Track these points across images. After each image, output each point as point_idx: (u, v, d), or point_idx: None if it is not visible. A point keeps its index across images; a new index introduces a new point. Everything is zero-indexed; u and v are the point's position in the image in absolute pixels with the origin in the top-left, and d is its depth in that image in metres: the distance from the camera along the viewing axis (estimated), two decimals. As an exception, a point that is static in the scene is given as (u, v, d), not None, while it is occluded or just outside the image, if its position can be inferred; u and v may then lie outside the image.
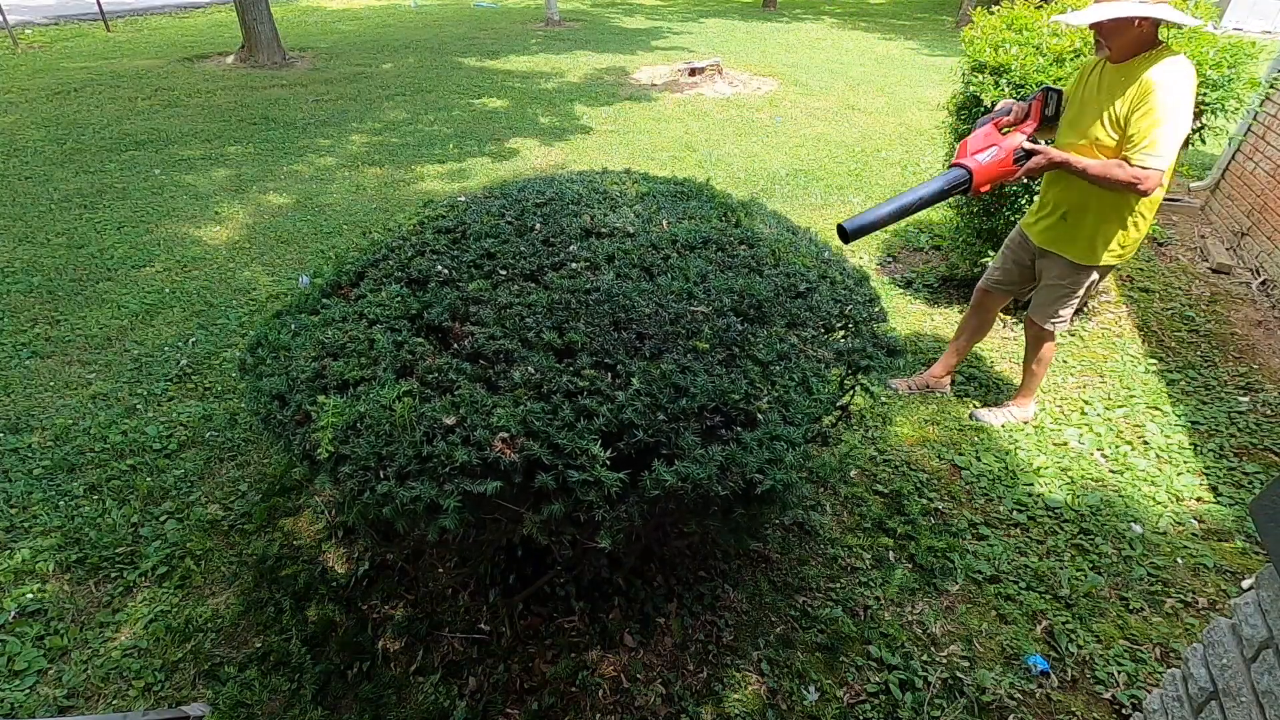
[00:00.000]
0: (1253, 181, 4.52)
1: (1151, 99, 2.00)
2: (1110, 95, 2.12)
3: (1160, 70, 2.01)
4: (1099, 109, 2.15)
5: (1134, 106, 2.04)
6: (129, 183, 5.16)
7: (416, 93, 7.91)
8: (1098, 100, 2.16)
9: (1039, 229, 2.51)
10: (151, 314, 3.53)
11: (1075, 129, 2.25)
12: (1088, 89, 2.23)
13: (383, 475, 1.33)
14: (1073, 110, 2.28)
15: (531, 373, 1.47)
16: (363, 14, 13.77)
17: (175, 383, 3.04)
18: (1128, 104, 2.06)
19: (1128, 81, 2.07)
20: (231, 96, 7.53)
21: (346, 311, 1.73)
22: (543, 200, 2.11)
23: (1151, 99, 2.00)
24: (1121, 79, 2.09)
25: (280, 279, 3.89)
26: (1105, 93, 2.14)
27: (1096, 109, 2.16)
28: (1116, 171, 2.07)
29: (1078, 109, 2.26)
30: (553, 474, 1.30)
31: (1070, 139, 2.27)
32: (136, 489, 2.47)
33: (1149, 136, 2.01)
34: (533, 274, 1.79)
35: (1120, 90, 2.08)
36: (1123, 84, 2.08)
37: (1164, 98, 1.98)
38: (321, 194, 5.10)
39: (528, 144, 6.29)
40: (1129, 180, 2.05)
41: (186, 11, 13.56)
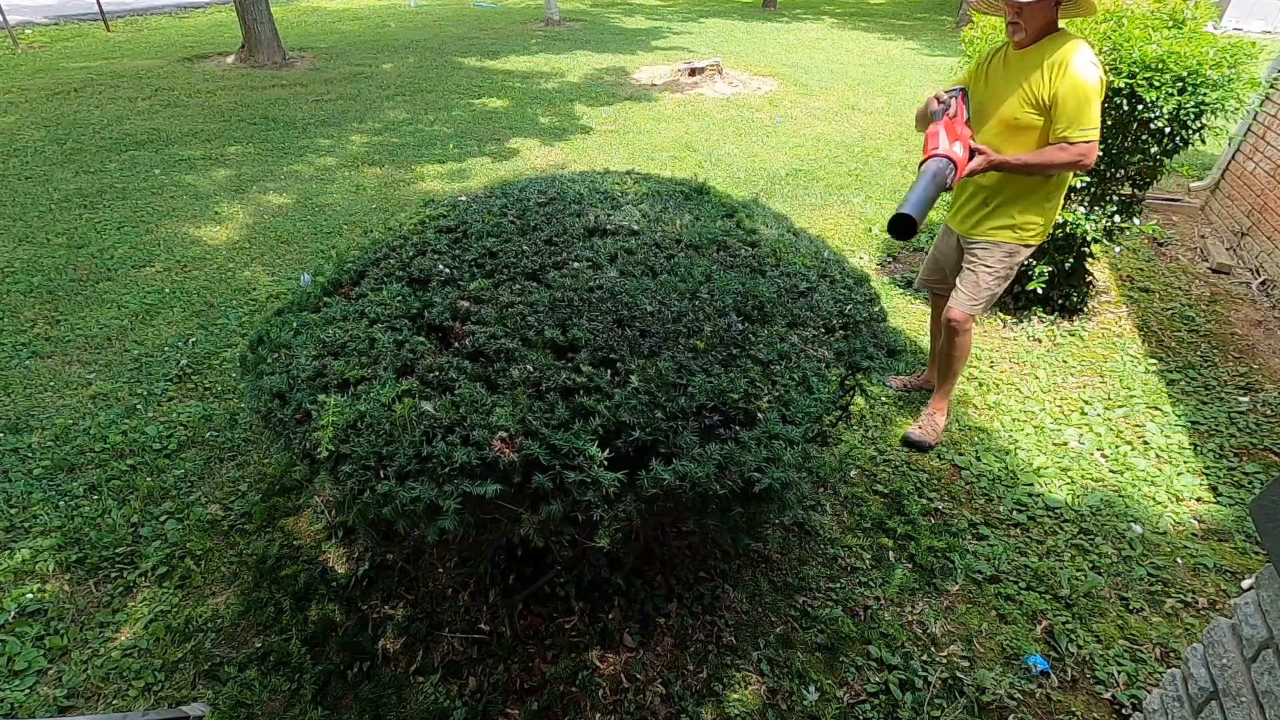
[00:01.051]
0: (1253, 181, 4.52)
1: (1075, 76, 2.13)
2: (1022, 76, 2.25)
3: (1072, 49, 2.16)
4: (1011, 92, 2.28)
5: (1056, 85, 2.16)
6: (129, 183, 5.16)
7: (416, 93, 7.92)
8: (1006, 85, 2.30)
9: (961, 218, 2.59)
10: (151, 314, 3.53)
11: (986, 115, 2.38)
12: (992, 76, 2.38)
13: (383, 475, 1.33)
14: (977, 100, 2.41)
15: (530, 371, 1.47)
16: (363, 14, 13.77)
17: (175, 383, 3.04)
18: (1048, 84, 2.19)
19: (1037, 63, 2.21)
20: (231, 96, 7.53)
21: (347, 310, 1.73)
22: (545, 200, 2.11)
23: (1075, 76, 2.13)
24: (1030, 61, 2.23)
25: (280, 279, 3.89)
26: (1015, 76, 2.27)
27: (1008, 92, 2.29)
28: (1059, 156, 2.20)
29: (984, 97, 2.39)
30: (550, 474, 1.30)
31: (982, 126, 2.39)
32: (136, 489, 2.47)
33: (1083, 112, 2.14)
34: (535, 273, 1.79)
35: (1033, 70, 2.22)
36: (1033, 65, 2.22)
37: (1087, 73, 2.13)
38: (322, 194, 5.10)
39: (528, 144, 6.29)
40: (1073, 159, 2.19)
41: (186, 12, 13.56)
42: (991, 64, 2.39)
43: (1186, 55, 2.86)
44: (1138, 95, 2.90)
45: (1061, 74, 2.15)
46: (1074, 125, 2.16)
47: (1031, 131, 2.27)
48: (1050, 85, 2.17)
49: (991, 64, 2.39)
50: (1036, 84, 2.21)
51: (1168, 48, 2.90)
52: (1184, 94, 2.87)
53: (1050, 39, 2.22)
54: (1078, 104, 2.14)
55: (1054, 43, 2.20)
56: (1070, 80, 2.13)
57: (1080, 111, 2.14)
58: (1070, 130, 2.17)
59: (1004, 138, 2.32)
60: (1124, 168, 3.19)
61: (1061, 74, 2.15)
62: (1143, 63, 2.89)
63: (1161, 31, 3.05)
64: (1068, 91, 2.14)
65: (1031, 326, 3.54)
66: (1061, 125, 2.18)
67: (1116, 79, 2.92)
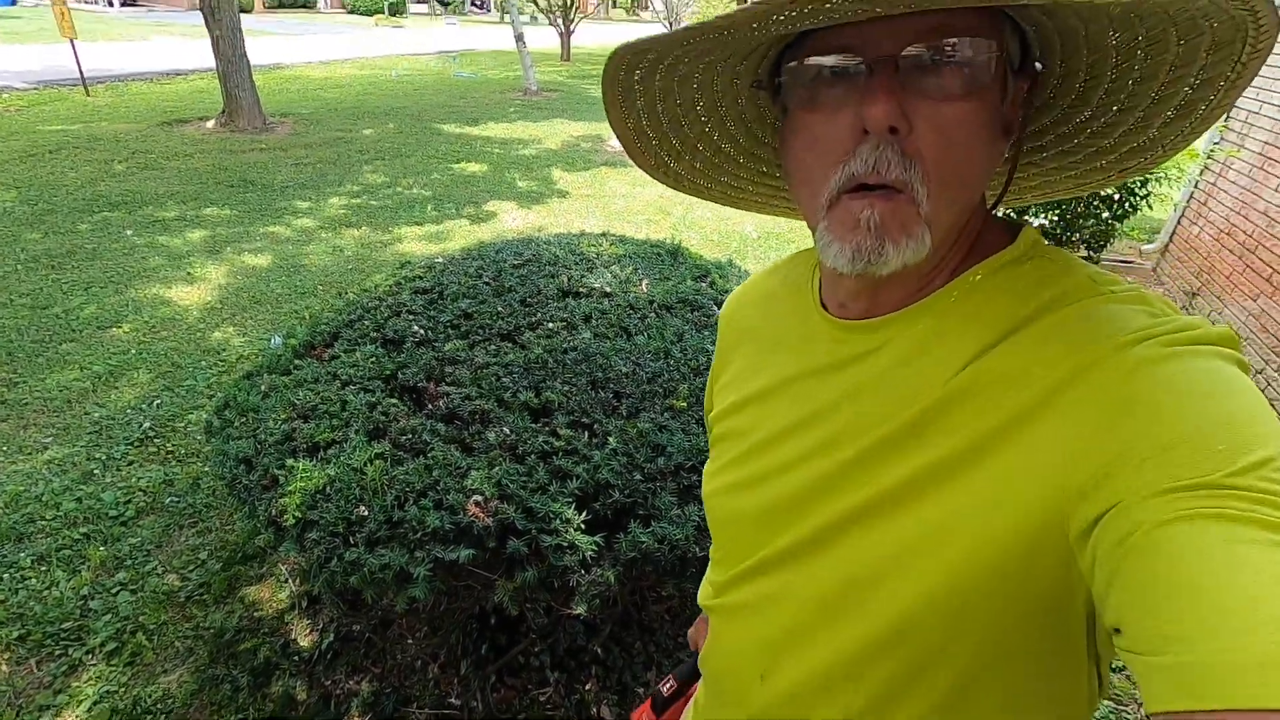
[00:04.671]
0: (1199, 245, 4.75)
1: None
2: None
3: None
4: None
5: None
6: (100, 244, 5.11)
7: (396, 157, 8.06)
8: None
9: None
10: (116, 376, 3.44)
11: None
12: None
13: (351, 541, 1.29)
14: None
15: (507, 433, 1.46)
16: (345, 82, 14.12)
17: (136, 446, 2.95)
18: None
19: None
20: (210, 159, 7.60)
21: (319, 372, 1.71)
22: (520, 261, 2.14)
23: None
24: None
25: (253, 340, 3.84)
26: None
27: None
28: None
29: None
30: (525, 539, 1.27)
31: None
32: (88, 559, 2.35)
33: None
34: (510, 334, 1.79)
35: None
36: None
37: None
38: (298, 255, 5.10)
39: (506, 207, 6.40)
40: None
41: (168, 78, 13.79)
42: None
43: (1129, 128, 3.05)
44: (1087, 164, 3.07)
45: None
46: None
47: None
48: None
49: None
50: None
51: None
52: (1129, 163, 3.05)
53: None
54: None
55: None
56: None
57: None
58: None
59: None
60: (1079, 231, 3.35)
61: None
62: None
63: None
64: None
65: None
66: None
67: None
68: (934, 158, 0.45)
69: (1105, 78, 0.50)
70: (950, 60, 0.44)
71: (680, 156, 0.61)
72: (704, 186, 0.66)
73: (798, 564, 0.57)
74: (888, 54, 0.44)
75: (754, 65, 0.53)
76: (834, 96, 0.46)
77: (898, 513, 0.50)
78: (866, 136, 0.45)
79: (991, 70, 0.45)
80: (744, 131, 0.61)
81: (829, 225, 0.49)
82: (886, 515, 0.50)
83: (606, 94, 0.52)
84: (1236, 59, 0.44)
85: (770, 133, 0.62)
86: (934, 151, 0.45)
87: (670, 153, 0.60)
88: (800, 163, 0.51)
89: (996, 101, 0.47)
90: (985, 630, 0.48)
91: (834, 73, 0.46)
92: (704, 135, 0.60)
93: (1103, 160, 0.57)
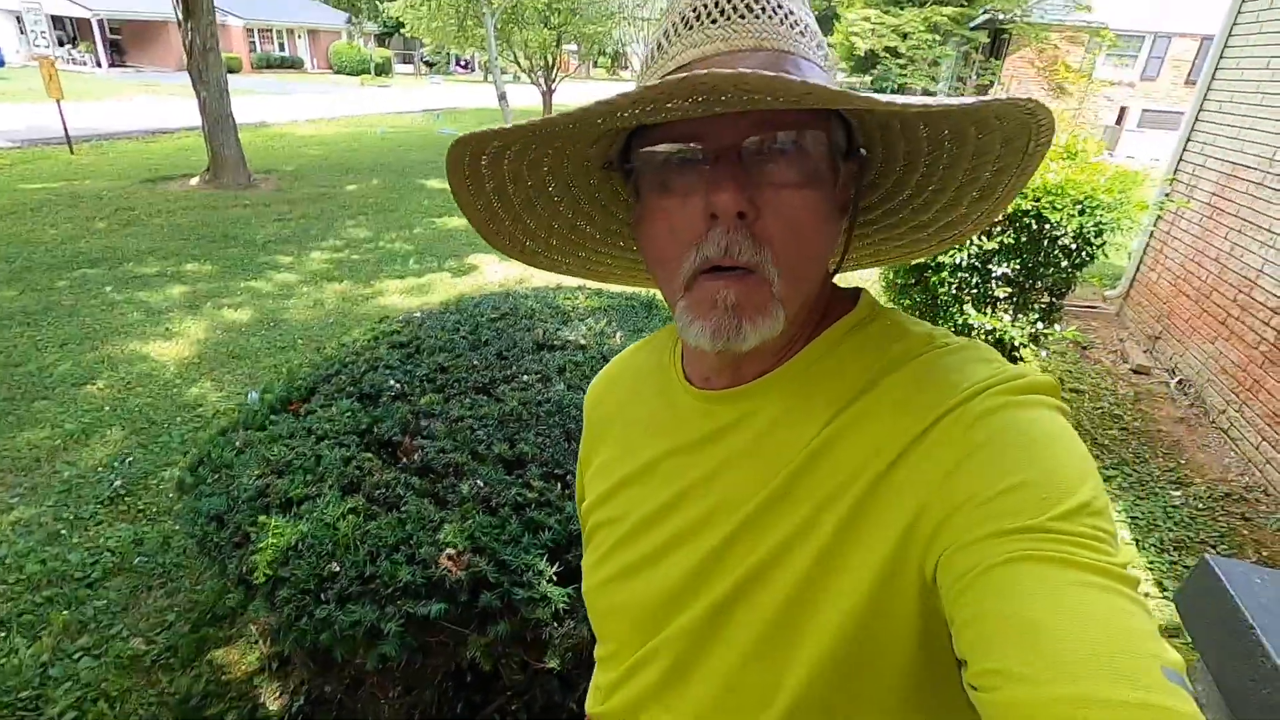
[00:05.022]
0: (1158, 290, 4.93)
1: None
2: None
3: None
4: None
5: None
6: (78, 300, 5.10)
7: (379, 212, 8.18)
8: None
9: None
10: (88, 433, 3.40)
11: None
12: None
13: (323, 598, 1.28)
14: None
15: (480, 486, 1.47)
16: (330, 139, 14.40)
17: (106, 505, 2.89)
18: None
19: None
20: (193, 216, 7.66)
21: (295, 427, 1.72)
22: (498, 315, 2.19)
23: None
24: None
25: (230, 395, 3.82)
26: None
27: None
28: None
29: None
30: (498, 592, 1.27)
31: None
32: (51, 624, 2.28)
33: None
34: (485, 387, 1.82)
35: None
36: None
37: None
38: (279, 309, 5.12)
39: (487, 260, 6.49)
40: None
41: (154, 136, 13.97)
42: None
43: (1082, 182, 3.20)
44: (1044, 216, 3.21)
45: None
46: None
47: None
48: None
49: None
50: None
51: (1065, 176, 3.25)
52: (1083, 215, 3.19)
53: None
54: None
55: None
56: None
57: None
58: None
59: None
60: (1041, 279, 3.46)
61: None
62: (1045, 189, 3.22)
63: (1059, 161, 3.42)
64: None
65: (973, 428, 3.68)
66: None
67: (1024, 201, 3.23)
68: (781, 241, 0.49)
69: (919, 164, 0.56)
70: (785, 150, 0.48)
71: (535, 235, 0.63)
72: (561, 262, 0.67)
73: (692, 651, 0.56)
74: (730, 144, 0.47)
75: (604, 149, 0.56)
76: (684, 183, 0.50)
77: (777, 583, 0.51)
78: (716, 221, 0.48)
79: (823, 158, 0.50)
80: (599, 210, 0.64)
81: (688, 305, 0.51)
82: (767, 586, 0.52)
83: (451, 180, 0.54)
84: (1024, 151, 0.51)
85: (625, 209, 0.64)
86: (781, 235, 0.49)
87: (525, 232, 0.62)
88: (655, 244, 0.53)
89: (830, 185, 0.51)
90: (873, 689, 0.49)
91: (682, 160, 0.49)
92: (558, 214, 0.62)
93: (923, 233, 0.63)
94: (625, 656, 0.63)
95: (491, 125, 0.50)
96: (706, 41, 0.49)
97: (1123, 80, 16.62)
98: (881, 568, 0.47)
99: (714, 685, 0.55)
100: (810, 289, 0.55)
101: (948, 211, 0.59)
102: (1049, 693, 0.33)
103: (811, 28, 0.52)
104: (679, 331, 0.54)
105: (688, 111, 0.44)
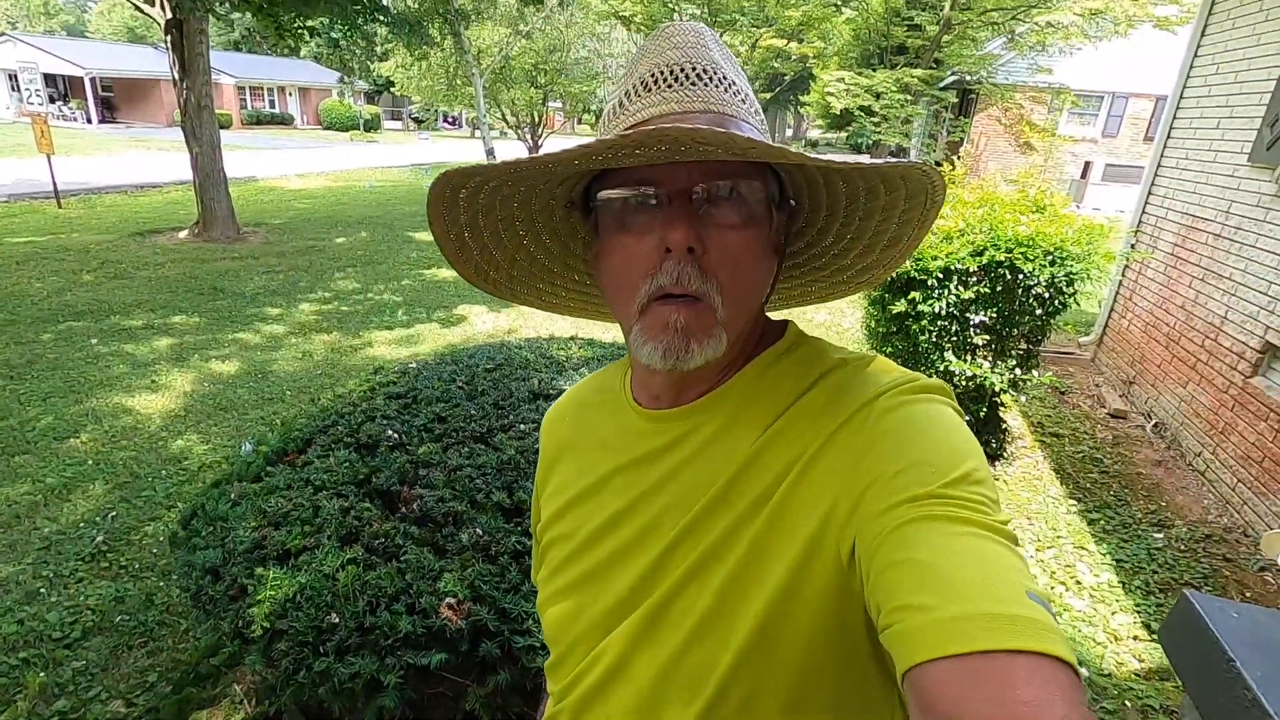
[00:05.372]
0: (1130, 336, 5.09)
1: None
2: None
3: None
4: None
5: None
6: (62, 353, 5.07)
7: (368, 264, 8.26)
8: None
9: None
10: (70, 488, 3.35)
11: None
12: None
13: (322, 650, 1.28)
14: None
15: (480, 534, 1.49)
16: (319, 193, 14.59)
17: (87, 562, 2.83)
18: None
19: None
20: (181, 268, 7.68)
21: (292, 478, 1.73)
22: (493, 365, 2.23)
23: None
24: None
25: (216, 447, 3.78)
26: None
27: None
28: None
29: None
30: (498, 640, 1.28)
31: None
32: (26, 687, 2.21)
33: None
34: (483, 436, 1.85)
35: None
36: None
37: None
38: (267, 361, 5.12)
39: (476, 310, 6.56)
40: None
41: (143, 190, 14.08)
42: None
43: (1051, 234, 3.35)
44: (1018, 266, 3.34)
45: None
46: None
47: None
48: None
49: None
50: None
51: (1035, 228, 3.40)
52: (1054, 265, 3.32)
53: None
54: None
55: None
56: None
57: None
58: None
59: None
60: (1017, 326, 3.58)
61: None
62: (1017, 240, 3.36)
63: (1028, 214, 3.58)
64: None
65: (959, 472, 3.73)
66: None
67: (998, 253, 3.36)
68: (725, 274, 0.57)
69: (839, 215, 0.65)
70: (729, 196, 0.57)
71: (499, 265, 0.70)
72: (520, 293, 0.75)
73: (633, 649, 0.61)
74: (682, 189, 0.56)
75: (568, 190, 0.64)
76: (641, 221, 0.58)
77: (712, 577, 0.58)
78: (669, 254, 0.56)
79: (760, 204, 0.58)
80: (558, 244, 0.71)
81: (643, 328, 0.59)
82: (704, 581, 0.58)
83: (431, 209, 0.61)
84: (924, 205, 0.61)
85: (582, 246, 0.72)
86: (725, 270, 0.57)
87: (490, 262, 0.69)
88: (615, 275, 0.61)
89: (767, 227, 0.60)
90: (784, 669, 0.55)
91: (640, 202, 0.57)
92: (521, 247, 0.70)
93: (844, 275, 0.73)
94: (573, 663, 0.67)
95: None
96: (664, 103, 0.58)
97: (1085, 136, 17.39)
98: (802, 550, 0.54)
99: (651, 676, 0.60)
100: (748, 317, 0.62)
101: (864, 257, 0.69)
102: (940, 615, 0.40)
103: (749, 96, 0.62)
104: (633, 352, 0.61)
105: (651, 158, 0.52)
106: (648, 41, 0.63)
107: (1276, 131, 3.60)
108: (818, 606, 0.53)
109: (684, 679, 0.58)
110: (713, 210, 0.56)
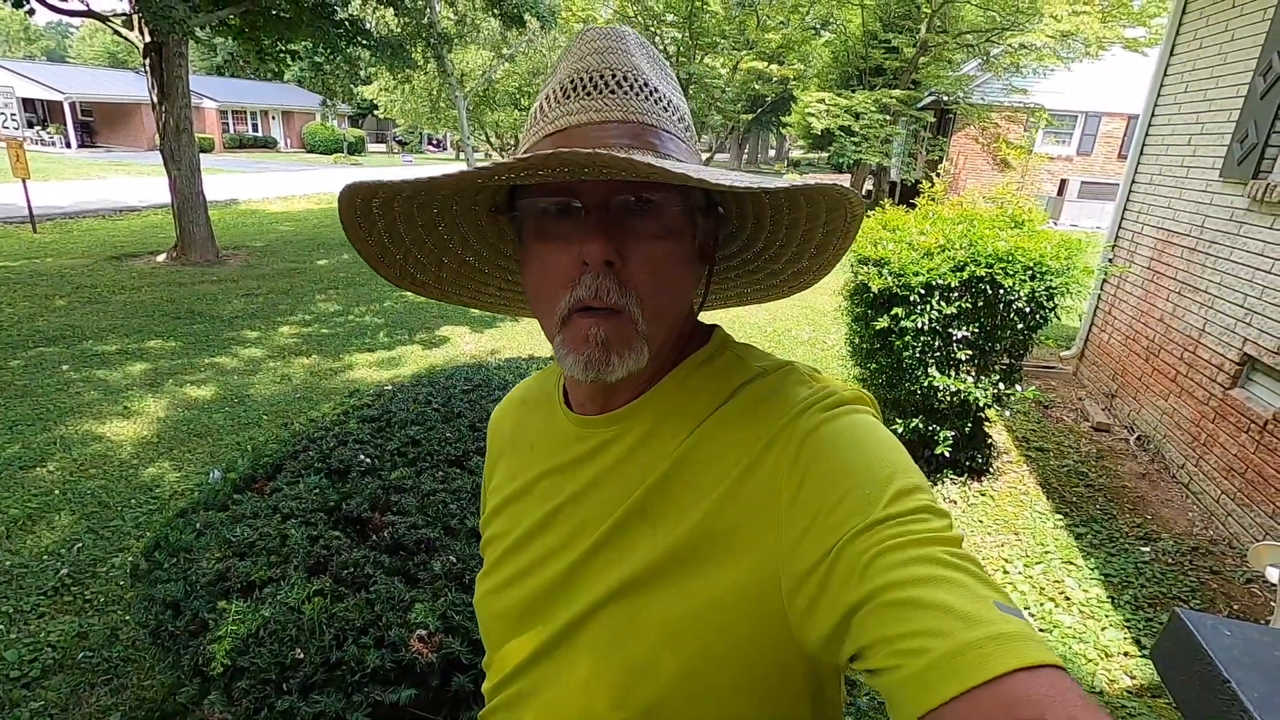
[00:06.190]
0: (1110, 350, 5.13)
1: None
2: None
3: None
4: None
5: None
6: (32, 380, 4.95)
7: (349, 286, 8.19)
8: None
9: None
10: (34, 519, 3.23)
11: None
12: None
13: (285, 688, 1.22)
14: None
15: (453, 561, 1.44)
16: (300, 215, 14.51)
17: (50, 596, 2.72)
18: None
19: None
20: (158, 292, 7.57)
21: (260, 506, 1.66)
22: (470, 387, 2.18)
23: None
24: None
25: (189, 475, 3.69)
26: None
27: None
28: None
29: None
30: (470, 674, 1.22)
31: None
32: (-20, 730, 2.11)
33: None
34: (458, 459, 1.80)
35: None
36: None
37: None
38: (244, 385, 5.02)
39: (459, 331, 6.50)
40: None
41: (120, 214, 13.93)
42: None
43: (1031, 249, 3.37)
44: (998, 282, 3.36)
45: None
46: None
47: None
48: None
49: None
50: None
51: (1014, 243, 3.42)
52: (1034, 280, 3.34)
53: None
54: None
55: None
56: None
57: None
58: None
59: None
60: (999, 341, 3.58)
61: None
62: (997, 255, 3.38)
63: (1007, 230, 3.61)
64: None
65: (946, 489, 3.71)
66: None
67: (978, 268, 3.38)
68: (645, 287, 0.56)
69: (766, 223, 0.65)
70: (647, 208, 0.55)
71: (426, 268, 0.68)
72: (452, 294, 0.73)
73: (554, 659, 0.62)
74: (600, 200, 0.54)
75: (489, 196, 0.63)
76: (560, 231, 0.56)
77: (633, 597, 0.57)
78: (588, 267, 0.54)
79: (678, 215, 0.57)
80: (487, 246, 0.70)
81: (564, 340, 0.57)
82: (625, 600, 0.58)
83: (343, 216, 0.59)
84: (845, 218, 0.61)
85: (511, 246, 0.70)
86: (644, 282, 0.56)
87: (415, 265, 0.67)
88: (535, 285, 0.60)
89: (689, 237, 0.59)
90: (722, 704, 0.54)
91: (558, 210, 0.55)
92: (448, 250, 0.67)
93: (777, 279, 0.73)
94: (501, 667, 0.67)
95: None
96: (581, 111, 0.56)
97: (1061, 155, 17.73)
98: (735, 584, 0.53)
99: (574, 688, 0.60)
100: (672, 326, 0.61)
101: (794, 263, 0.69)
102: (929, 658, 0.40)
103: (675, 103, 0.61)
104: (558, 360, 0.60)
105: (562, 176, 0.51)
106: (570, 44, 0.61)
107: (1246, 147, 3.67)
108: (745, 630, 0.53)
109: (604, 693, 0.57)
110: (631, 221, 0.55)
